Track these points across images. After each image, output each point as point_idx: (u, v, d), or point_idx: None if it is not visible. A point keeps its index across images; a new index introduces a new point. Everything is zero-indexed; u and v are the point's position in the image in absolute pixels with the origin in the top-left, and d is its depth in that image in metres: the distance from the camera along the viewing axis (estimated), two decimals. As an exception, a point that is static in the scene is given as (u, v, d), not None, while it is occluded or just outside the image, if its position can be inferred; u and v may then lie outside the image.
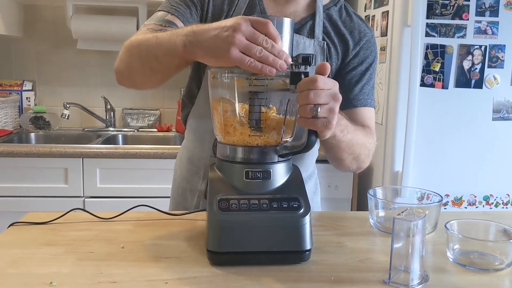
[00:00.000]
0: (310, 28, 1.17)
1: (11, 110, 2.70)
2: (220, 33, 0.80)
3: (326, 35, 1.18)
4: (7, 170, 2.19)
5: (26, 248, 0.91)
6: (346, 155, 1.09)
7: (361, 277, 0.82)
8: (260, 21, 0.79)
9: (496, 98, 2.05)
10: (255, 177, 0.88)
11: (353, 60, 1.19)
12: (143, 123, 2.88)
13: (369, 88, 1.21)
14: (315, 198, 1.33)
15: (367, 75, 1.20)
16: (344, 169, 1.18)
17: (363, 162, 1.16)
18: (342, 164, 1.14)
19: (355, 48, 1.18)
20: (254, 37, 0.79)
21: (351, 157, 1.11)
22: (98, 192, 2.24)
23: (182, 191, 1.27)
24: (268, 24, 0.79)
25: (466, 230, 0.92)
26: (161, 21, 1.10)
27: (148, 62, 0.99)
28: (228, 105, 0.90)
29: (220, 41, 0.80)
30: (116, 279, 0.78)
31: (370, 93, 1.21)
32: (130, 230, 1.02)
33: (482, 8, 1.97)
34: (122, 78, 1.09)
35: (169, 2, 1.15)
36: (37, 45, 2.79)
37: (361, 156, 1.13)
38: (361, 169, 1.20)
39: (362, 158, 1.15)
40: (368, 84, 1.21)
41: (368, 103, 1.21)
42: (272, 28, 0.80)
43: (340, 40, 1.19)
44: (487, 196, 2.13)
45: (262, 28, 0.79)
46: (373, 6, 2.30)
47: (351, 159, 1.12)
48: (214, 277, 0.80)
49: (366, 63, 1.20)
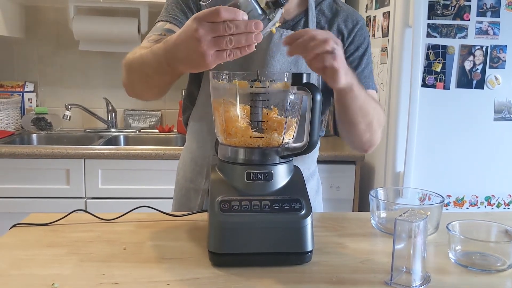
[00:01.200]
0: (304, 25, 1.19)
1: (13, 111, 2.70)
2: (188, 45, 0.80)
3: (321, 29, 1.20)
4: (9, 171, 2.19)
5: (28, 249, 0.91)
6: (360, 118, 1.09)
7: (363, 278, 0.82)
8: (210, 14, 0.77)
9: (497, 99, 2.04)
10: (256, 178, 0.88)
11: (349, 47, 1.21)
12: (145, 124, 2.88)
13: (368, 72, 1.24)
14: (317, 196, 1.34)
15: (364, 60, 1.23)
16: (358, 139, 1.17)
17: (375, 132, 1.16)
18: (356, 131, 1.13)
19: (350, 36, 1.21)
20: (215, 31, 0.77)
21: (364, 123, 1.11)
22: (99, 193, 2.24)
23: (186, 191, 1.28)
24: (219, 11, 0.77)
25: (468, 231, 0.92)
26: (161, 31, 1.13)
27: (144, 79, 1.03)
28: (229, 106, 0.90)
29: (192, 53, 0.80)
30: (118, 280, 0.79)
31: (370, 76, 1.24)
32: (132, 231, 1.02)
33: (483, 9, 1.97)
34: (128, 92, 1.16)
35: (166, 11, 1.18)
36: (39, 47, 2.80)
37: (373, 124, 1.13)
38: (372, 144, 1.20)
39: (375, 127, 1.15)
40: (367, 68, 1.23)
41: (370, 85, 1.24)
42: (224, 12, 0.77)
43: (334, 31, 1.21)
44: (489, 196, 2.12)
45: (215, 18, 0.77)
46: (374, 7, 2.30)
47: (365, 126, 1.12)
48: (216, 278, 0.81)
49: (362, 49, 1.22)
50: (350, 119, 1.10)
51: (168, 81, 1.01)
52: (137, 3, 2.58)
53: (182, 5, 1.17)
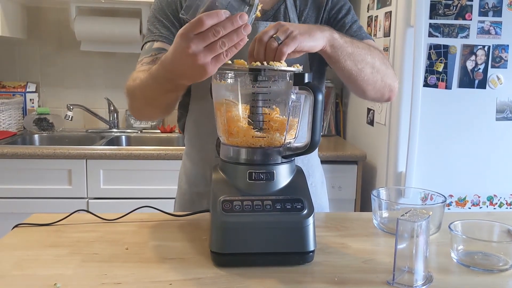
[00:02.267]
0: (284, 12, 1.20)
1: (15, 111, 2.71)
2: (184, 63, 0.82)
3: (300, 12, 1.21)
4: (11, 172, 2.20)
5: (30, 249, 0.91)
6: (360, 65, 1.06)
7: (365, 278, 0.82)
8: (195, 26, 0.78)
9: (499, 98, 2.04)
10: (258, 178, 0.88)
11: (331, 13, 1.22)
12: (146, 125, 2.89)
13: (357, 27, 1.23)
14: (323, 187, 1.35)
15: (349, 18, 1.22)
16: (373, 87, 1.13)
17: (385, 74, 1.12)
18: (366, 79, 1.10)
19: (328, 3, 1.22)
20: (206, 40, 0.78)
21: (368, 67, 1.08)
22: (101, 193, 2.25)
23: (189, 196, 1.28)
24: (202, 21, 0.77)
25: (470, 231, 0.91)
26: (151, 52, 1.15)
27: (150, 103, 1.07)
28: (231, 106, 0.90)
29: (191, 69, 0.82)
30: (120, 281, 0.79)
31: (360, 30, 1.23)
32: (134, 231, 1.02)
33: (485, 8, 1.96)
34: (137, 117, 1.21)
35: (150, 31, 1.20)
36: (41, 47, 2.80)
37: (376, 64, 1.09)
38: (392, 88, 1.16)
39: (380, 68, 1.11)
40: (355, 24, 1.23)
41: (363, 36, 1.21)
42: (207, 19, 0.77)
43: (313, 7, 1.21)
44: (491, 196, 2.12)
45: (200, 28, 0.77)
46: (376, 7, 2.30)
47: (370, 69, 1.09)
48: (218, 278, 0.81)
49: (344, 9, 1.23)
50: (351, 71, 1.07)
51: (175, 97, 1.04)
52: (139, 3, 2.58)
53: (163, 21, 1.18)
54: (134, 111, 1.15)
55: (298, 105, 0.91)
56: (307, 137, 0.86)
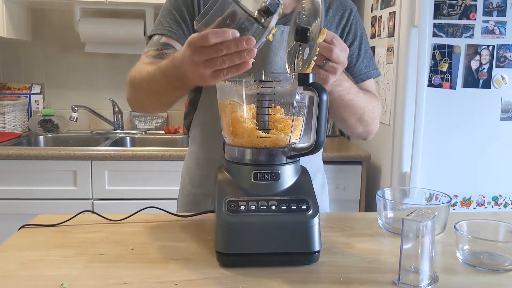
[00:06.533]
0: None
1: (20, 113, 2.72)
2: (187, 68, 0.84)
3: None
4: (17, 173, 2.21)
5: (36, 250, 0.92)
6: (348, 114, 1.14)
7: (370, 278, 0.82)
8: (200, 39, 0.78)
9: (504, 98, 2.04)
10: (263, 178, 0.88)
11: (347, 37, 1.23)
12: (151, 125, 2.89)
13: (368, 59, 1.26)
14: (323, 192, 1.34)
15: (363, 49, 1.25)
16: (352, 130, 1.22)
17: (368, 125, 1.21)
18: (347, 124, 1.19)
19: (347, 26, 1.22)
20: (207, 55, 0.79)
21: (354, 118, 1.16)
22: (106, 194, 2.25)
23: (194, 197, 1.27)
24: (207, 37, 0.77)
25: (476, 231, 0.91)
26: (157, 45, 1.15)
27: (154, 96, 1.07)
28: (236, 107, 0.90)
29: (193, 75, 0.84)
30: (126, 281, 0.79)
31: (370, 63, 1.26)
32: (139, 232, 1.02)
33: (490, 8, 1.96)
34: (134, 107, 1.20)
35: (161, 23, 1.19)
36: (46, 49, 2.82)
37: (364, 117, 1.17)
38: (369, 133, 1.25)
39: (366, 120, 1.19)
40: (366, 55, 1.25)
41: (372, 74, 1.26)
42: (212, 37, 0.77)
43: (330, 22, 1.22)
44: (496, 196, 2.11)
45: (204, 43, 0.78)
46: (380, 7, 2.30)
47: (355, 120, 1.17)
48: (223, 278, 0.81)
49: (359, 37, 1.24)
50: (337, 114, 1.15)
51: (179, 95, 1.05)
52: (143, 4, 2.59)
53: (176, 16, 1.17)
54: (134, 102, 1.15)
55: (303, 105, 0.91)
56: (312, 138, 0.86)
